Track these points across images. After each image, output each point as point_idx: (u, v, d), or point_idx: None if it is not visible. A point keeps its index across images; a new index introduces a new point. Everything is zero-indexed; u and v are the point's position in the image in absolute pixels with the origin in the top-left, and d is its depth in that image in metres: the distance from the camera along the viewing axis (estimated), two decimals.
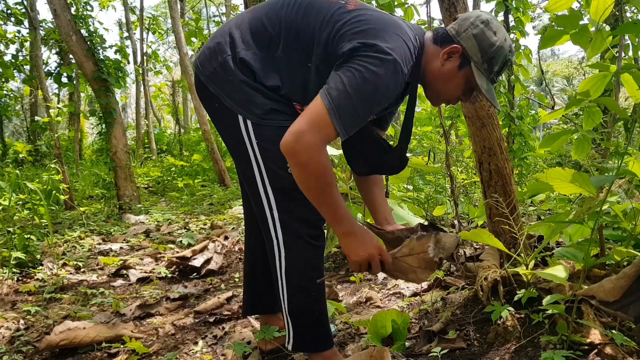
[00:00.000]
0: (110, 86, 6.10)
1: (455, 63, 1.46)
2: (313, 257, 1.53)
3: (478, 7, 9.96)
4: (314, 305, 1.56)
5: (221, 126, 1.57)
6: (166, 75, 20.08)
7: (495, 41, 1.44)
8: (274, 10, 1.49)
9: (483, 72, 1.46)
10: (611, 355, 1.41)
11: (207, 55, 1.52)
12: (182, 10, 13.94)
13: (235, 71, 1.45)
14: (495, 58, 1.45)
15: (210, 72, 1.49)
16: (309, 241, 1.51)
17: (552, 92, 5.42)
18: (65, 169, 5.84)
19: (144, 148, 14.81)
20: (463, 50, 1.44)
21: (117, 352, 1.96)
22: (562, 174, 1.75)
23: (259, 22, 1.48)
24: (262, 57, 1.46)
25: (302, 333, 1.56)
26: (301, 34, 1.43)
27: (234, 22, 1.54)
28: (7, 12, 9.55)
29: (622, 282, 1.43)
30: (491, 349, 1.65)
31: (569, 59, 26.74)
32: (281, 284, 1.53)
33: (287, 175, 1.43)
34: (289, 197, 1.48)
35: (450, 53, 1.46)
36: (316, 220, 1.51)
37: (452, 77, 1.48)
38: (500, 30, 1.46)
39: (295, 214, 1.49)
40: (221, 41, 1.50)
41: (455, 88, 1.51)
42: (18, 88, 17.30)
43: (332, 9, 1.43)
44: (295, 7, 1.47)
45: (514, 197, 2.05)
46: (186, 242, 3.98)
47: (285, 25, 1.45)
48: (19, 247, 3.34)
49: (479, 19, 1.46)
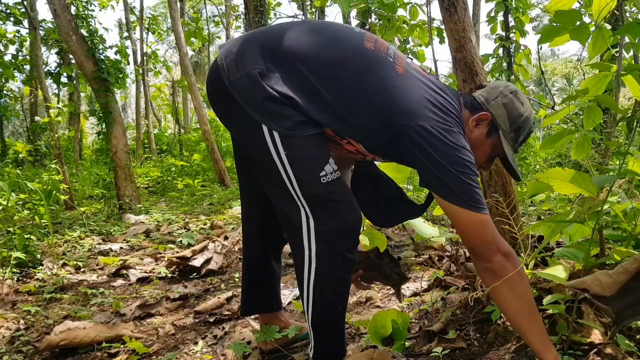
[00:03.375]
0: (110, 86, 6.10)
1: (483, 130, 1.50)
2: (345, 270, 1.49)
3: (478, 7, 9.96)
4: (338, 317, 1.53)
5: (241, 135, 1.52)
6: (166, 75, 20.09)
7: (523, 112, 1.50)
8: (317, 43, 1.43)
9: (509, 141, 1.50)
10: (611, 355, 1.41)
11: (234, 58, 1.42)
12: (182, 10, 13.94)
13: (263, 85, 1.36)
14: (522, 128, 1.51)
15: (236, 79, 1.40)
16: (344, 254, 1.45)
17: (552, 92, 5.42)
18: (65, 169, 5.84)
19: (144, 148, 14.81)
20: (492, 118, 1.48)
21: (117, 352, 1.96)
22: (562, 174, 1.75)
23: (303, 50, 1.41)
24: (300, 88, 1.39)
25: (324, 344, 1.53)
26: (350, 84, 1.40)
27: (275, 36, 1.45)
28: (7, 12, 9.55)
29: (621, 277, 1.41)
30: (491, 349, 1.65)
31: (569, 59, 26.74)
32: (307, 294, 1.48)
33: (321, 184, 1.40)
34: (325, 207, 1.42)
35: (479, 120, 1.49)
36: (353, 232, 1.46)
37: (480, 144, 1.51)
38: (526, 101, 1.52)
39: (333, 225, 1.43)
40: (254, 49, 1.42)
41: (481, 155, 1.53)
42: (18, 88, 17.29)
43: (385, 68, 1.41)
44: (344, 51, 1.43)
45: (514, 197, 2.05)
46: (186, 242, 3.98)
47: (332, 67, 1.40)
48: (19, 247, 3.33)
49: (508, 89, 1.52)
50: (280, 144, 1.38)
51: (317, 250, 1.43)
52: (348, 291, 1.54)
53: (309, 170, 1.40)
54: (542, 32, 1.93)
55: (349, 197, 1.47)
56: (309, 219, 1.42)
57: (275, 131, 1.38)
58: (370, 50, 1.44)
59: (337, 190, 1.43)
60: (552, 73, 27.80)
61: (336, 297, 1.49)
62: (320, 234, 1.43)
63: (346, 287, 1.52)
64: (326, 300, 1.48)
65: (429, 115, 1.37)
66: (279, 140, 1.38)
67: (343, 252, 1.45)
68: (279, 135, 1.38)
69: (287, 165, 1.39)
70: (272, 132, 1.38)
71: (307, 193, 1.41)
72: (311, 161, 1.40)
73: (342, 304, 1.52)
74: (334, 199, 1.42)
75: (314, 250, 1.43)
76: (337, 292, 1.49)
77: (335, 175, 1.43)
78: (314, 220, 1.42)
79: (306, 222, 1.43)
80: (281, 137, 1.38)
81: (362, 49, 1.44)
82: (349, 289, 1.55)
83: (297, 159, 1.39)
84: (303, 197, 1.41)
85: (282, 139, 1.38)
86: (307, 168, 1.40)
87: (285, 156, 1.39)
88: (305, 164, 1.40)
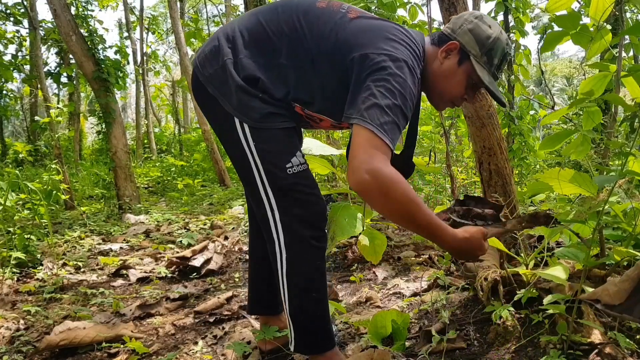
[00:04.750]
0: (110, 86, 6.11)
1: (454, 60, 1.49)
2: (315, 258, 1.52)
3: (478, 7, 9.95)
4: (316, 306, 1.55)
5: (218, 128, 1.58)
6: (166, 75, 20.09)
7: (491, 33, 1.48)
8: (275, 16, 1.49)
9: (483, 65, 1.48)
10: (611, 355, 1.41)
11: (207, 56, 1.51)
12: (182, 10, 13.94)
13: (234, 76, 1.45)
14: (493, 50, 1.48)
15: (210, 74, 1.49)
16: (311, 242, 1.49)
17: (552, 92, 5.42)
18: (65, 169, 5.84)
19: (144, 148, 14.82)
20: (460, 45, 1.48)
21: (117, 352, 1.96)
22: (562, 174, 1.75)
23: (261, 28, 1.49)
24: (265, 64, 1.46)
25: (303, 334, 1.56)
26: (305, 43, 1.44)
27: (236, 25, 1.54)
28: (7, 12, 9.55)
29: (626, 284, 1.43)
30: (491, 349, 1.65)
31: (569, 59, 26.76)
32: (282, 285, 1.52)
33: (287, 175, 1.45)
34: (289, 198, 1.47)
35: (449, 50, 1.49)
36: (318, 221, 1.50)
37: (452, 74, 1.49)
38: (494, 24, 1.50)
39: (296, 215, 1.48)
40: (222, 43, 1.49)
41: (457, 86, 1.51)
42: (18, 88, 17.29)
43: (335, 18, 1.45)
44: (296, 15, 1.48)
45: (514, 197, 2.05)
46: (186, 242, 3.98)
47: (288, 32, 1.46)
48: (19, 247, 3.34)
49: (472, 15, 1.52)
50: (249, 135, 1.45)
51: (285, 241, 1.48)
52: (323, 280, 1.55)
53: (276, 161, 1.45)
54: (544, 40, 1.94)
55: (314, 188, 1.51)
56: (273, 210, 1.48)
57: (245, 123, 1.45)
58: (321, 8, 1.49)
59: (302, 182, 1.47)
60: (552, 73, 27.81)
61: (310, 286, 1.52)
62: (286, 224, 1.48)
63: (319, 275, 1.54)
64: (300, 289, 1.51)
65: (375, 43, 1.37)
66: (248, 131, 1.45)
67: (310, 241, 1.48)
68: (249, 127, 1.45)
69: (255, 155, 1.46)
70: (243, 124, 1.45)
71: (274, 183, 1.46)
72: (278, 152, 1.45)
73: (318, 292, 1.54)
74: (299, 189, 1.46)
75: (282, 241, 1.49)
76: (309, 279, 1.52)
77: (302, 167, 1.48)
78: (279, 211, 1.47)
79: (271, 213, 1.48)
80: (250, 129, 1.45)
81: (313, 8, 1.49)
82: (324, 278, 1.56)
83: (265, 150, 1.45)
84: (270, 187, 1.47)
85: (251, 130, 1.45)
86: (274, 159, 1.45)
87: (254, 147, 1.45)
88: (272, 155, 1.45)
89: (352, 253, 3.13)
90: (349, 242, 3.27)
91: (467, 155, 5.40)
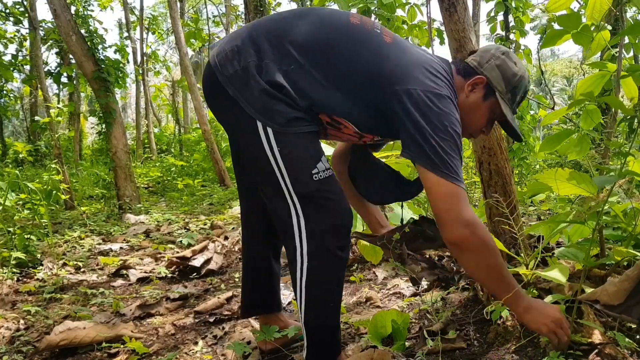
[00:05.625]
0: (110, 86, 6.11)
1: (480, 94, 1.51)
2: (337, 269, 1.48)
3: (478, 7, 9.95)
4: (332, 316, 1.51)
5: (236, 131, 1.52)
6: (166, 75, 20.09)
7: (517, 71, 1.50)
8: (306, 25, 1.44)
9: (507, 101, 1.51)
10: (611, 355, 1.41)
11: (228, 55, 1.43)
12: (182, 10, 13.94)
13: (257, 78, 1.38)
14: (518, 88, 1.51)
15: (231, 74, 1.41)
16: (336, 252, 1.44)
17: (552, 92, 5.42)
18: (65, 169, 5.85)
19: (144, 148, 14.82)
20: (487, 80, 1.49)
21: (117, 352, 1.96)
22: (561, 174, 1.75)
23: (289, 35, 1.42)
24: (291, 72, 1.40)
25: (318, 344, 1.52)
26: (338, 58, 1.41)
27: (261, 27, 1.47)
28: (7, 12, 9.55)
29: (625, 284, 1.42)
30: (491, 349, 1.65)
31: (569, 59, 26.76)
32: (300, 293, 1.47)
33: (313, 182, 1.40)
34: (315, 205, 1.41)
35: (475, 84, 1.50)
36: (345, 229, 1.45)
37: (477, 108, 1.51)
38: (519, 61, 1.53)
39: (322, 223, 1.41)
40: (246, 43, 1.42)
41: (480, 119, 1.54)
42: (18, 88, 17.30)
43: (372, 40, 1.43)
44: (329, 28, 1.44)
45: (514, 197, 2.05)
46: (186, 242, 3.98)
47: (319, 44, 1.42)
48: (19, 247, 3.34)
49: (499, 50, 1.53)
50: (273, 140, 1.39)
51: (308, 249, 1.42)
52: (341, 290, 1.54)
53: (301, 167, 1.40)
54: (544, 37, 1.94)
55: (341, 195, 1.46)
56: (299, 217, 1.42)
57: (269, 127, 1.38)
58: (357, 25, 1.46)
59: (328, 189, 1.42)
60: (552, 73, 27.81)
61: (329, 296, 1.48)
62: (311, 232, 1.42)
63: (339, 286, 1.51)
64: (319, 300, 1.47)
65: (419, 78, 1.37)
66: (272, 136, 1.38)
67: (334, 251, 1.43)
68: (273, 132, 1.38)
69: (280, 161, 1.39)
70: (266, 128, 1.38)
71: (299, 190, 1.41)
72: (304, 158, 1.40)
73: (335, 302, 1.51)
74: (326, 196, 1.41)
75: (305, 249, 1.42)
76: (329, 290, 1.48)
77: (328, 173, 1.43)
78: (305, 219, 1.41)
79: (297, 220, 1.42)
80: (274, 134, 1.38)
81: (348, 24, 1.45)
82: (342, 288, 1.55)
83: (289, 155, 1.39)
84: (295, 194, 1.41)
85: (275, 135, 1.38)
86: (300, 165, 1.40)
87: (278, 152, 1.39)
88: (298, 161, 1.40)
89: (352, 253, 3.13)
90: None
91: (467, 155, 5.39)
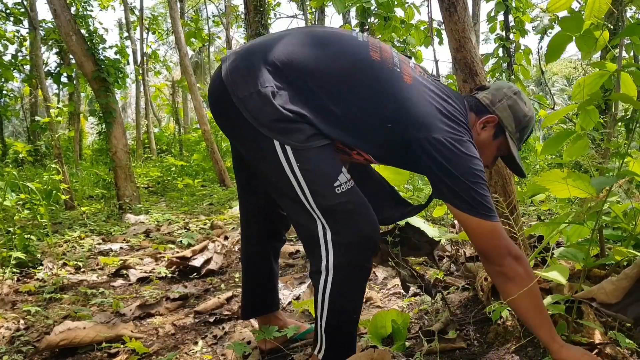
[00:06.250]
0: (110, 86, 6.11)
1: (490, 132, 1.54)
2: (363, 280, 1.48)
3: (478, 7, 9.96)
4: (354, 324, 1.52)
5: (250, 149, 1.48)
6: (166, 75, 20.10)
7: (527, 112, 1.55)
8: (325, 56, 1.42)
9: (515, 140, 1.55)
10: (611, 355, 1.41)
11: (242, 74, 1.39)
12: (182, 10, 13.94)
13: (276, 106, 1.34)
14: (527, 128, 1.57)
15: (245, 97, 1.36)
16: (363, 265, 1.44)
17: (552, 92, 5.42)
18: (65, 169, 5.85)
19: (144, 148, 14.82)
20: (499, 120, 1.53)
21: (117, 352, 1.96)
22: (560, 175, 1.75)
23: (308, 62, 1.40)
24: (308, 101, 1.38)
25: (336, 349, 1.52)
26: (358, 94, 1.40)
27: (278, 47, 1.42)
28: (7, 12, 9.55)
29: (623, 283, 1.42)
30: (491, 349, 1.65)
31: (569, 59, 26.76)
32: (322, 303, 1.45)
33: (336, 194, 1.38)
34: (341, 218, 1.40)
35: (487, 122, 1.53)
36: (372, 240, 1.45)
37: (487, 146, 1.55)
38: (528, 101, 1.57)
39: (350, 235, 1.40)
40: (260, 65, 1.38)
41: (488, 156, 1.57)
42: (18, 88, 17.30)
43: (392, 79, 1.42)
44: (351, 63, 1.42)
45: (514, 197, 2.05)
46: (186, 242, 3.98)
47: (341, 78, 1.40)
48: (19, 247, 3.34)
49: (511, 90, 1.56)
50: (292, 157, 1.36)
51: (334, 262, 1.40)
52: (363, 298, 1.55)
53: (323, 182, 1.38)
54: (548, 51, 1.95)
55: (365, 206, 1.44)
56: (325, 230, 1.40)
57: (288, 145, 1.36)
58: (377, 62, 1.43)
59: (352, 200, 1.41)
60: (552, 73, 27.81)
61: (352, 306, 1.49)
62: (338, 244, 1.40)
63: (362, 295, 1.52)
64: (342, 310, 1.47)
65: (440, 126, 1.38)
66: (291, 153, 1.36)
67: (362, 263, 1.43)
68: (292, 149, 1.36)
69: (300, 177, 1.37)
70: (285, 147, 1.36)
71: (322, 204, 1.39)
72: (325, 172, 1.38)
73: (358, 311, 1.52)
74: (349, 209, 1.40)
75: (332, 261, 1.41)
76: (353, 301, 1.49)
77: (350, 185, 1.41)
78: (331, 232, 1.40)
79: (323, 233, 1.41)
80: (294, 151, 1.36)
81: (369, 60, 1.42)
82: (364, 296, 1.56)
83: (310, 170, 1.37)
84: (318, 208, 1.39)
85: (294, 152, 1.36)
86: (321, 179, 1.38)
87: (298, 169, 1.37)
88: (319, 175, 1.38)
89: None
90: None
91: None
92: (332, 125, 1.39)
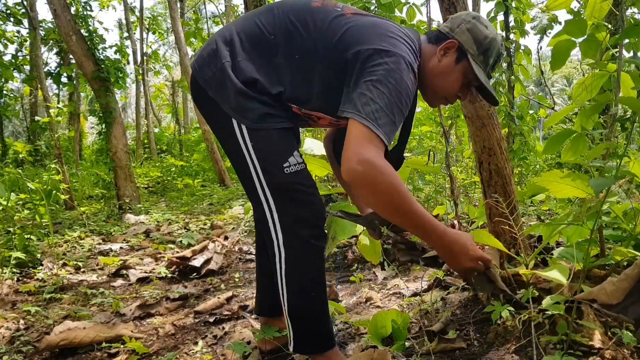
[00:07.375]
0: (110, 86, 6.11)
1: (452, 58, 1.52)
2: (314, 257, 1.52)
3: (478, 7, 9.94)
4: (314, 305, 1.55)
5: (217, 130, 1.59)
6: (166, 75, 20.10)
7: (488, 34, 1.53)
8: (271, 17, 1.51)
9: (480, 64, 1.52)
10: (612, 355, 1.41)
11: (205, 59, 1.52)
12: (182, 10, 13.94)
13: (232, 79, 1.46)
14: (490, 50, 1.53)
15: (209, 77, 1.50)
16: (310, 241, 1.50)
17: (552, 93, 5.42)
18: (65, 169, 5.85)
19: (144, 148, 14.82)
20: (459, 44, 1.51)
21: (117, 352, 1.96)
22: (560, 175, 1.75)
23: (258, 30, 1.50)
24: (262, 64, 1.48)
25: (303, 334, 1.56)
26: (301, 41, 1.46)
27: (233, 28, 1.55)
28: (7, 12, 9.55)
29: (624, 284, 1.42)
30: (491, 349, 1.65)
31: (569, 59, 26.77)
32: (281, 284, 1.53)
33: (284, 175, 1.46)
34: (287, 198, 1.48)
35: (447, 49, 1.52)
36: (316, 220, 1.51)
37: (450, 72, 1.52)
38: (490, 24, 1.55)
39: (294, 214, 1.49)
40: (220, 46, 1.51)
41: (453, 83, 1.54)
42: (18, 88, 17.30)
43: (331, 16, 1.47)
44: (292, 14, 1.49)
45: (514, 197, 2.05)
46: (186, 242, 3.99)
47: (283, 32, 1.48)
48: (19, 247, 3.34)
49: (470, 15, 1.56)
50: (247, 136, 1.47)
51: (283, 240, 1.50)
52: (323, 279, 1.56)
53: (273, 161, 1.47)
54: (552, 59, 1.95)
55: (312, 188, 1.52)
56: (272, 210, 1.49)
57: (243, 124, 1.47)
58: (317, 7, 1.51)
59: (299, 181, 1.48)
60: (552, 73, 27.80)
61: (309, 285, 1.53)
62: (284, 223, 1.49)
63: (319, 274, 1.55)
64: (299, 289, 1.52)
65: (374, 40, 1.38)
66: (246, 132, 1.47)
67: (308, 239, 1.49)
68: (246, 128, 1.47)
69: (253, 156, 1.47)
70: (241, 126, 1.47)
71: (271, 183, 1.48)
72: (275, 152, 1.47)
73: (317, 291, 1.54)
74: (297, 189, 1.48)
75: (281, 240, 1.50)
76: (309, 279, 1.53)
77: (300, 167, 1.49)
78: (277, 211, 1.49)
79: (270, 214, 1.50)
80: (248, 130, 1.47)
81: (309, 6, 1.51)
82: (323, 277, 1.57)
83: (262, 150, 1.47)
84: (267, 187, 1.48)
85: (248, 131, 1.47)
86: (271, 158, 1.47)
87: (251, 148, 1.47)
88: (270, 155, 1.47)
89: (352, 253, 3.13)
90: (349, 242, 3.28)
91: (467, 155, 5.39)
92: (279, 82, 1.46)
